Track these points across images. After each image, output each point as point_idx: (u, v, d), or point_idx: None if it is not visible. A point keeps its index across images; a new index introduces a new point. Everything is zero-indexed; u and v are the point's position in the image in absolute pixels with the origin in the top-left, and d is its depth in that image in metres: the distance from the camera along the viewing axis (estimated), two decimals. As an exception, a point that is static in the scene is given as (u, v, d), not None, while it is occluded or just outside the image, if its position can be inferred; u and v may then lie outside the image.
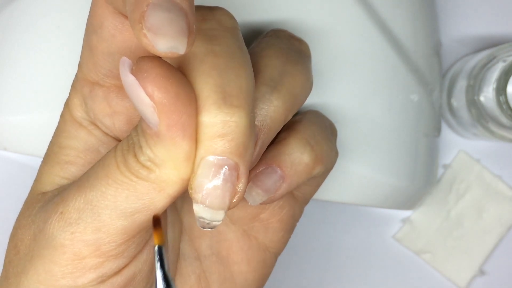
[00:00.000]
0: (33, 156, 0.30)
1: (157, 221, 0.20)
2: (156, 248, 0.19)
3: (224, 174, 0.19)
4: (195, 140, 0.19)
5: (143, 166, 0.19)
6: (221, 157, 0.19)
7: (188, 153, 0.19)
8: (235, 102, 0.19)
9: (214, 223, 0.20)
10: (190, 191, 0.19)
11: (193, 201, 0.19)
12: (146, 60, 0.18)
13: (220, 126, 0.19)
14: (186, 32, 0.18)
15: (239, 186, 0.20)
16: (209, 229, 0.20)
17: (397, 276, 0.40)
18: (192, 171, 0.19)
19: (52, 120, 0.24)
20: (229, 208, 0.20)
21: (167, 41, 0.17)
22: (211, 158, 0.19)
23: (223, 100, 0.19)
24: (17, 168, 0.39)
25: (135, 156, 0.19)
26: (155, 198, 0.19)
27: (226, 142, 0.19)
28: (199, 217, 0.20)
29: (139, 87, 0.18)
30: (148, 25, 0.17)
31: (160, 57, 0.18)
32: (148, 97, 0.18)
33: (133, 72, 0.18)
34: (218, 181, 0.19)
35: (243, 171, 0.19)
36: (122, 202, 0.19)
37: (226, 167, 0.19)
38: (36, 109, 0.31)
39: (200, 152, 0.19)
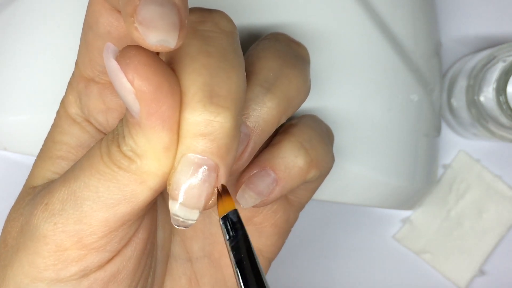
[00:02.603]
0: (33, 156, 0.30)
1: (223, 189, 0.20)
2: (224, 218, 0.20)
3: (202, 174, 0.19)
4: (176, 133, 0.19)
5: (125, 156, 0.19)
6: (202, 156, 0.19)
7: (168, 144, 0.19)
8: (222, 102, 0.19)
9: (188, 222, 0.20)
10: (168, 186, 0.19)
11: (169, 197, 0.19)
12: (131, 47, 0.18)
13: (204, 125, 0.19)
14: (177, 26, 0.18)
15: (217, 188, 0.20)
16: (183, 228, 0.20)
17: (397, 276, 0.40)
18: (172, 167, 0.19)
19: (52, 120, 0.24)
20: (204, 209, 0.20)
21: (157, 35, 0.17)
22: (192, 156, 0.19)
23: (209, 99, 0.19)
24: (17, 168, 0.39)
25: (118, 146, 0.19)
26: (136, 190, 0.19)
27: (208, 141, 0.19)
28: (173, 214, 0.20)
29: (121, 72, 0.18)
30: (139, 18, 0.17)
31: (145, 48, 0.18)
32: (129, 83, 0.18)
33: (117, 58, 0.18)
34: (195, 180, 0.19)
35: (222, 173, 0.19)
36: (104, 193, 0.19)
37: (205, 166, 0.19)
38: (36, 109, 0.31)
39: (181, 149, 0.19)
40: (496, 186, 0.39)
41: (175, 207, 0.19)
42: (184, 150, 0.19)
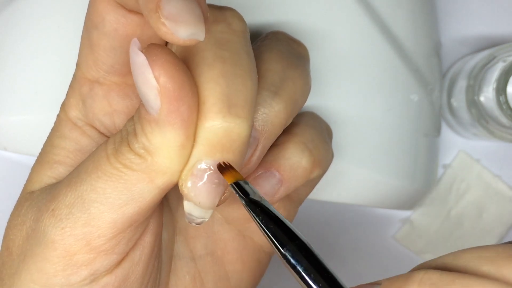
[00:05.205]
0: (33, 156, 0.30)
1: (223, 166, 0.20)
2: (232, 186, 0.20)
3: (218, 178, 0.20)
4: (193, 133, 0.19)
5: (136, 154, 0.19)
6: (217, 161, 0.20)
7: (183, 143, 0.19)
8: (240, 112, 0.19)
9: (201, 219, 0.21)
10: (182, 188, 0.20)
11: (184, 198, 0.20)
12: (156, 45, 0.19)
13: (222, 135, 0.19)
14: (203, 18, 0.18)
15: (229, 187, 0.20)
16: (196, 225, 0.21)
17: (397, 276, 0.40)
18: (186, 169, 0.20)
19: (52, 120, 0.24)
20: (217, 207, 0.21)
21: (188, 29, 0.18)
22: (208, 161, 0.19)
23: (228, 109, 0.19)
24: (17, 168, 0.39)
25: (129, 145, 0.20)
26: (144, 189, 0.20)
27: (225, 150, 0.19)
28: (189, 214, 0.20)
29: (148, 67, 0.18)
30: (165, 13, 0.18)
31: (167, 47, 0.19)
32: (154, 79, 0.18)
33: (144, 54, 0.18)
34: (210, 183, 0.20)
35: None
36: (111, 194, 0.20)
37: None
38: (36, 109, 0.31)
39: (198, 154, 0.19)
40: (496, 186, 0.39)
41: (190, 208, 0.20)
42: (201, 156, 0.19)
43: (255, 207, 0.19)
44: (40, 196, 0.22)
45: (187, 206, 0.20)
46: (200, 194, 0.20)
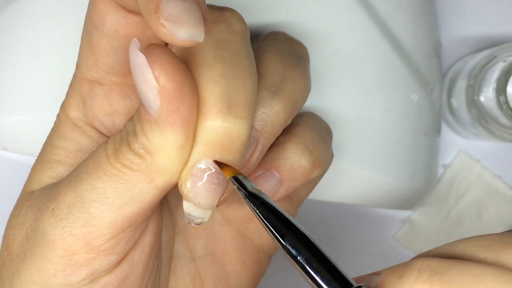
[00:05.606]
0: (33, 156, 0.30)
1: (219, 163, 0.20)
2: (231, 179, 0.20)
3: (217, 178, 0.20)
4: (192, 133, 0.19)
5: (136, 154, 0.19)
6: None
7: (183, 143, 0.19)
8: (240, 113, 0.19)
9: (201, 220, 0.21)
10: (181, 188, 0.20)
11: (184, 198, 0.20)
12: (156, 46, 0.19)
13: (222, 136, 0.19)
14: (202, 20, 0.18)
15: (229, 187, 0.20)
16: (196, 225, 0.21)
17: (397, 276, 0.40)
18: (186, 169, 0.20)
19: (52, 120, 0.24)
20: (216, 207, 0.21)
21: (187, 30, 0.18)
22: (208, 161, 0.19)
23: (228, 109, 0.19)
24: (17, 168, 0.39)
25: (128, 145, 0.20)
26: (144, 189, 0.20)
27: (225, 150, 0.19)
28: (188, 214, 0.20)
29: (148, 67, 0.18)
30: (165, 14, 0.18)
31: (167, 47, 0.19)
32: (154, 79, 0.18)
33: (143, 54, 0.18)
34: (210, 184, 0.20)
35: None
36: (112, 194, 0.20)
37: (220, 170, 0.20)
38: (36, 109, 0.31)
39: (198, 155, 0.19)
40: (496, 186, 0.39)
41: (190, 208, 0.20)
42: (200, 156, 0.19)
43: (255, 199, 0.19)
44: (40, 196, 0.22)
45: (187, 206, 0.20)
46: (199, 194, 0.20)
